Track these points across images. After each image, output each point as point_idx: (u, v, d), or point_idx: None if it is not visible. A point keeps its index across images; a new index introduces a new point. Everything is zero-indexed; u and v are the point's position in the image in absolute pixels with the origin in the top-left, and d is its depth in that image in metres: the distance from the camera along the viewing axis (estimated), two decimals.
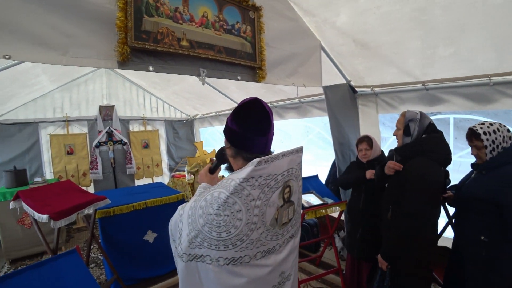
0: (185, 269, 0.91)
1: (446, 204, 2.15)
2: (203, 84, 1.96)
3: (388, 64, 2.73)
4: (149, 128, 5.95)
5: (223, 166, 1.18)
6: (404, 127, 1.91)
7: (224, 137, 1.05)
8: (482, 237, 1.62)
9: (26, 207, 2.41)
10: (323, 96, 3.60)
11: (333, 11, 2.41)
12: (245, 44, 2.15)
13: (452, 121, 2.81)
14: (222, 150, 1.16)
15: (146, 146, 5.86)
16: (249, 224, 0.85)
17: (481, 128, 1.65)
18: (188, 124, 6.68)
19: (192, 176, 5.41)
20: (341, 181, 2.67)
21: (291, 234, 1.01)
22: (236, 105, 5.03)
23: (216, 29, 1.97)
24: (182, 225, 0.91)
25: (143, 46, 1.63)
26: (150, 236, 3.30)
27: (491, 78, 2.31)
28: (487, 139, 1.63)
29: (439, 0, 2.02)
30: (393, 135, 2.04)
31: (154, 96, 6.00)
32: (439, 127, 1.88)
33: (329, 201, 2.85)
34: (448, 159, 1.77)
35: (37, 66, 3.30)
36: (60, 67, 3.88)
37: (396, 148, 2.02)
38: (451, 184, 2.12)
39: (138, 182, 5.65)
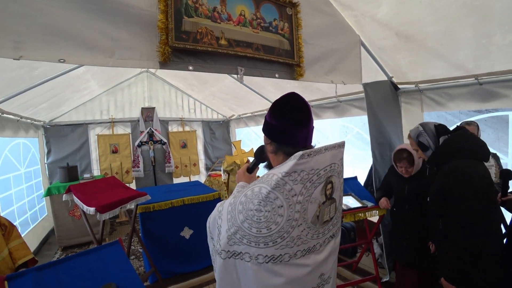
0: (223, 267, 0.89)
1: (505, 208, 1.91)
2: (241, 82, 1.95)
3: (435, 58, 2.51)
4: (187, 128, 6.16)
5: (261, 166, 1.15)
6: (418, 145, 1.79)
7: (263, 135, 1.03)
8: None
9: (76, 200, 2.59)
10: (362, 95, 3.45)
11: (374, 2, 2.27)
12: (283, 41, 2.11)
13: (511, 118, 2.50)
14: (261, 148, 1.13)
15: (184, 146, 6.06)
16: (290, 220, 0.81)
17: None
18: (224, 125, 6.80)
19: (227, 175, 5.49)
20: (379, 195, 2.57)
21: (332, 233, 0.95)
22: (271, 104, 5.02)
23: (253, 27, 1.95)
24: (221, 222, 0.90)
25: (183, 46, 1.66)
26: (186, 233, 3.39)
27: None
28: None
29: None
30: (418, 157, 1.97)
31: (192, 98, 6.19)
32: (495, 125, 1.70)
33: (369, 204, 2.69)
34: (483, 152, 1.59)
35: (87, 72, 3.56)
36: (106, 73, 4.17)
37: (426, 162, 1.84)
38: None
39: (176, 180, 5.87)
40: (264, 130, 1.01)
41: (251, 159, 1.53)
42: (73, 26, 1.41)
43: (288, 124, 0.93)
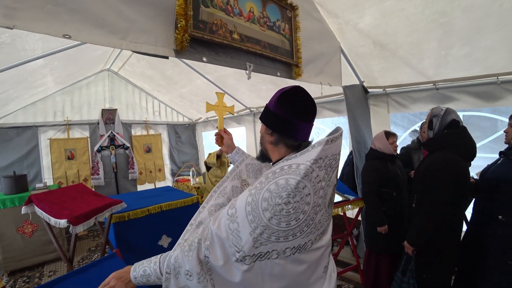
0: (249, 273, 0.78)
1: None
2: (248, 78, 1.87)
3: (403, 65, 2.77)
4: (151, 132, 5.68)
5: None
6: (429, 121, 1.98)
7: (261, 124, 1.00)
8: (500, 217, 1.67)
9: (40, 211, 2.18)
10: (334, 97, 3.64)
11: (359, 12, 2.42)
12: (284, 41, 2.09)
13: (462, 118, 2.89)
14: None
15: (148, 150, 5.58)
16: (315, 206, 0.79)
17: None
18: (190, 128, 6.45)
19: (198, 180, 5.21)
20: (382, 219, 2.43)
21: (331, 213, 0.97)
22: (244, 107, 4.90)
23: (261, 24, 1.90)
24: (238, 226, 0.78)
25: (201, 36, 1.52)
26: (164, 241, 3.08)
27: (499, 77, 2.41)
28: None
29: (458, 3, 2.07)
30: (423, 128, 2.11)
31: (157, 100, 5.75)
32: None
33: (350, 197, 2.81)
34: (472, 153, 1.83)
35: (46, 65, 3.04)
36: (68, 69, 3.63)
37: (423, 143, 2.09)
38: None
39: (140, 188, 5.35)
40: (264, 120, 0.97)
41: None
42: None
43: (296, 115, 0.90)
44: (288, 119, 0.89)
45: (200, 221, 1.04)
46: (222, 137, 1.46)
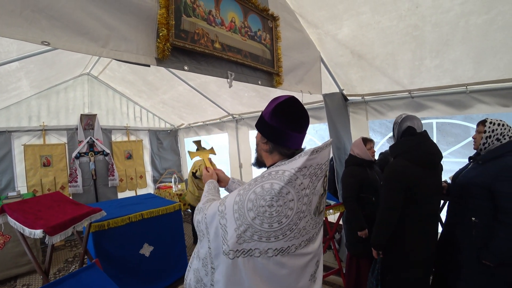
0: (231, 267, 0.86)
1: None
2: (230, 87, 1.90)
3: (380, 74, 2.91)
4: (132, 138, 5.57)
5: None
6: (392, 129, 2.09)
7: (257, 132, 1.06)
8: (473, 219, 1.77)
9: (13, 222, 2.10)
10: (315, 105, 3.73)
11: (337, 23, 2.52)
12: (265, 51, 2.15)
13: (435, 125, 3.06)
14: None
15: (129, 157, 5.46)
16: (299, 212, 0.85)
17: (491, 119, 1.83)
18: (172, 134, 6.37)
19: (180, 187, 5.15)
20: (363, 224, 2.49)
21: (322, 222, 1.02)
22: (227, 113, 4.91)
23: (242, 34, 1.94)
24: (227, 222, 0.87)
25: (183, 45, 1.54)
26: (146, 250, 3.02)
27: (468, 86, 2.57)
28: (489, 127, 1.80)
29: (430, 18, 2.21)
30: None
31: (138, 105, 5.66)
32: None
33: (332, 202, 2.88)
34: (425, 160, 1.86)
35: (21, 68, 2.95)
36: (45, 73, 3.52)
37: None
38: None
39: (121, 195, 5.21)
40: (260, 129, 1.03)
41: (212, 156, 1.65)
42: (61, 5, 1.18)
43: (289, 128, 0.95)
44: (282, 129, 0.95)
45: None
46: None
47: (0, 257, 3.29)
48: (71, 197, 4.57)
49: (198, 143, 1.63)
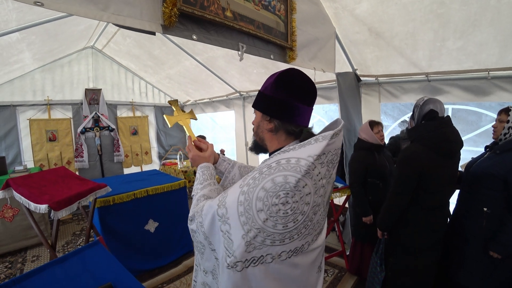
0: (240, 280, 0.71)
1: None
2: (240, 60, 1.75)
3: (397, 55, 2.71)
4: (138, 114, 5.45)
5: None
6: (412, 111, 1.94)
7: (256, 112, 0.90)
8: (485, 209, 1.68)
9: (18, 196, 2.07)
10: (325, 84, 3.56)
11: None
12: (279, 23, 1.97)
13: (451, 111, 2.90)
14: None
15: (134, 132, 5.37)
16: (315, 206, 0.73)
17: None
18: None
19: (185, 163, 5.10)
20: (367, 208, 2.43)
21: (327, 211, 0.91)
22: (234, 90, 4.75)
23: (255, 3, 1.76)
24: (230, 228, 0.71)
25: (192, 11, 1.38)
26: (151, 226, 3.01)
27: (490, 72, 2.39)
28: None
29: None
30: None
31: (144, 80, 5.48)
32: None
33: (339, 185, 2.80)
34: (443, 147, 1.71)
35: (23, 39, 2.79)
36: (48, 45, 3.36)
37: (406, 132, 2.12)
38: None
39: (126, 171, 5.19)
40: (259, 106, 0.87)
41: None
42: None
43: (297, 99, 0.81)
44: (288, 102, 0.80)
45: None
46: (199, 147, 1.13)
47: (10, 230, 3.32)
48: (77, 173, 4.58)
49: (174, 103, 1.31)
